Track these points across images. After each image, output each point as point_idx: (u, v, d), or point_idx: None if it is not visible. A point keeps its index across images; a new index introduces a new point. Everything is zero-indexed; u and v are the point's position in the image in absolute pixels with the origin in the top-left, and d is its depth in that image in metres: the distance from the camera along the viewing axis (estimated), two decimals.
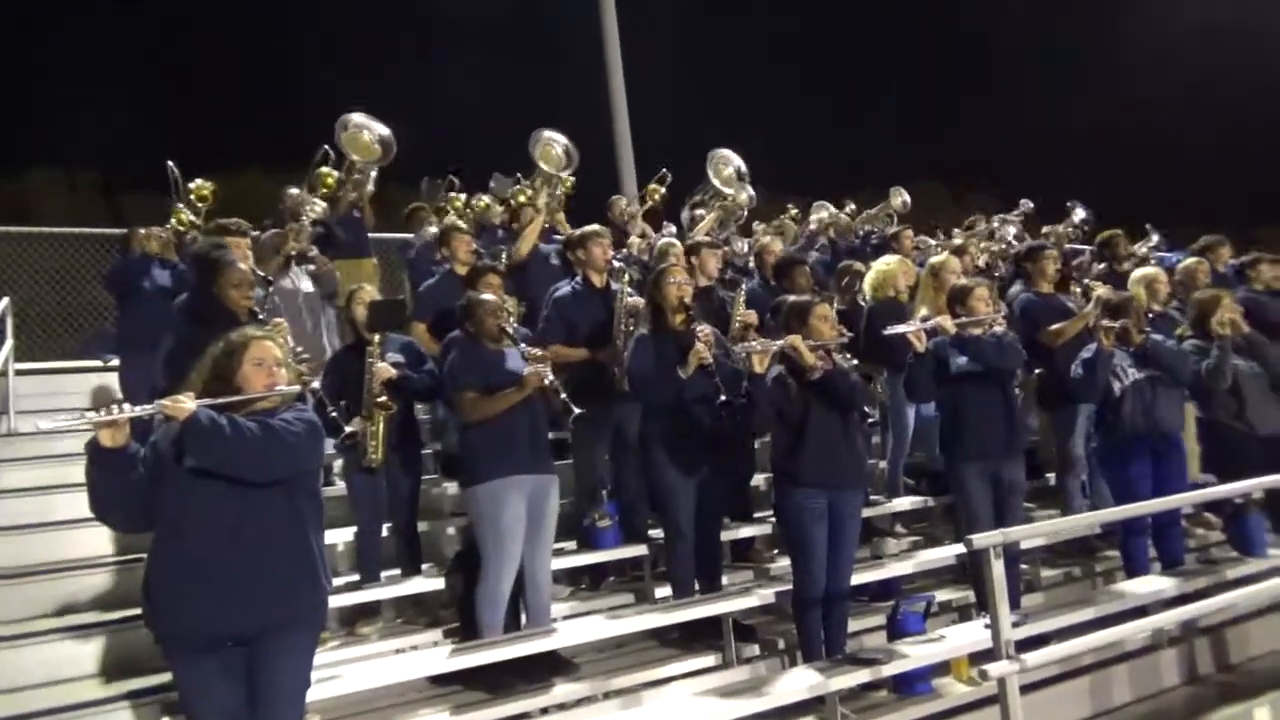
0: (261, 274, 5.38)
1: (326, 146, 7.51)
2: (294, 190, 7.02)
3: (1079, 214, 10.24)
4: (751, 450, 6.18)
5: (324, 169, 7.43)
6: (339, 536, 5.41)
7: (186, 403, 3.06)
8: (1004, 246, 9.20)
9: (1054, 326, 6.21)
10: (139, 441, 3.19)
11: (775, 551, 6.03)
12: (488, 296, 5.03)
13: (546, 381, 4.61)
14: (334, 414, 4.69)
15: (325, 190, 7.37)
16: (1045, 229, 10.11)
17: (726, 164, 8.86)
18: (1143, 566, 5.61)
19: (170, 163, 7.35)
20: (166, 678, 3.91)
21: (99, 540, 5.38)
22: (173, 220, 7.24)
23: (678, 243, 7.05)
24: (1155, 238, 9.93)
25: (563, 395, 4.63)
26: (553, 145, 7.94)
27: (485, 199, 8.38)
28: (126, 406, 3.06)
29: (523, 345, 4.83)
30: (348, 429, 4.86)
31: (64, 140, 21.84)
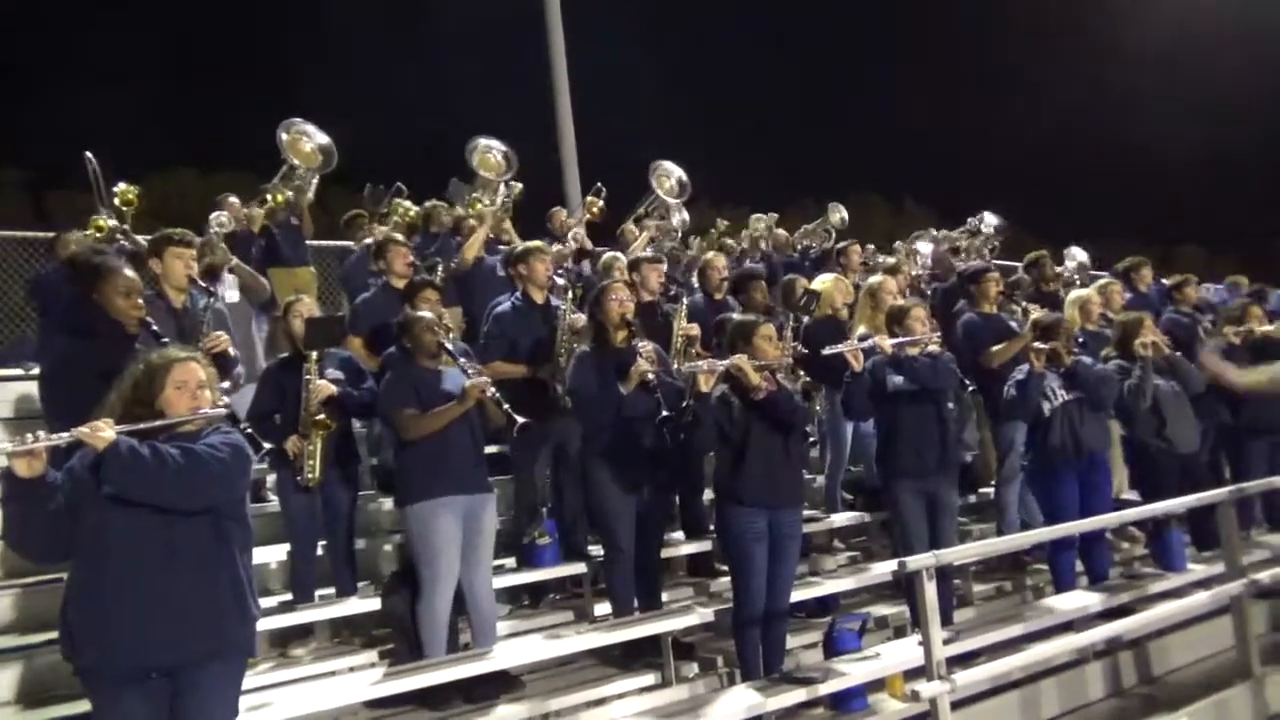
0: (204, 285, 5.22)
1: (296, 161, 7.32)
2: (234, 199, 6.81)
3: (989, 221, 10.38)
4: (701, 465, 6.17)
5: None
6: (271, 555, 5.28)
7: (105, 430, 2.94)
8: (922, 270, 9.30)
9: (995, 348, 6.34)
10: (56, 467, 3.06)
11: (714, 565, 6.04)
12: (424, 313, 4.96)
13: (488, 394, 4.58)
14: (248, 429, 4.31)
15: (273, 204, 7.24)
16: (963, 243, 10.20)
17: (668, 176, 8.97)
18: (1069, 582, 5.76)
19: (88, 153, 6.91)
20: (88, 705, 3.76)
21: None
22: (90, 228, 6.81)
23: (622, 257, 7.04)
24: (1082, 257, 10.18)
25: (505, 406, 4.60)
26: (490, 152, 7.92)
27: (412, 208, 8.24)
28: (42, 434, 2.94)
29: (462, 360, 4.78)
30: (267, 445, 4.68)
31: None
